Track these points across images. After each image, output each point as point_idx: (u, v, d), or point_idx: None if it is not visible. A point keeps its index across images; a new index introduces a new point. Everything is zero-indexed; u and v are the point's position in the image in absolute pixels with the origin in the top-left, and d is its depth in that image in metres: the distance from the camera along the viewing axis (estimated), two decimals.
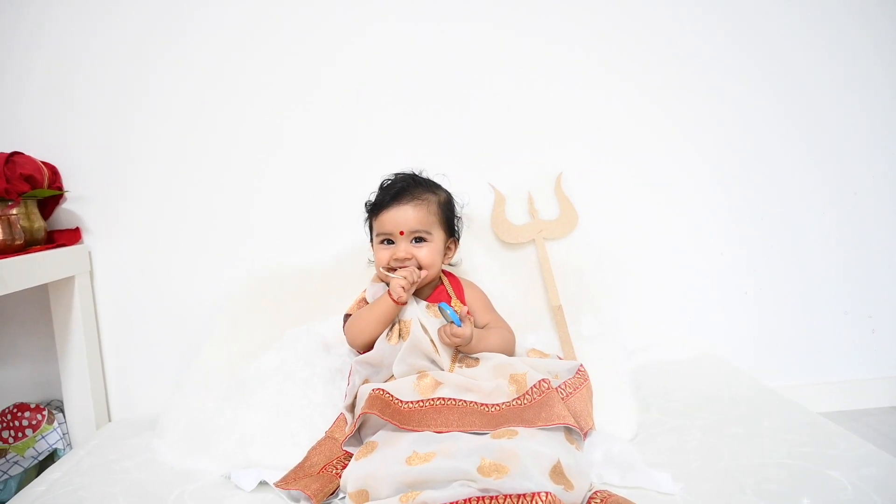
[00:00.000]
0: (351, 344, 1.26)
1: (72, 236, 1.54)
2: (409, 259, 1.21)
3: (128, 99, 1.58)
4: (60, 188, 1.53)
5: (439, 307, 1.17)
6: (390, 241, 1.23)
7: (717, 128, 1.65)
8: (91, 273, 1.58)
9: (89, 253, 1.58)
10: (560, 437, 1.03)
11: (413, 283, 1.18)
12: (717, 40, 1.63)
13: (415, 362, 1.16)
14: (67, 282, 1.50)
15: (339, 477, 1.04)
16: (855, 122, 1.65)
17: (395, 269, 1.21)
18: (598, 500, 0.91)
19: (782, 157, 1.66)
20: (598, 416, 1.18)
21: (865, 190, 1.67)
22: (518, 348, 1.29)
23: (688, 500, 0.94)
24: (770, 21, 1.63)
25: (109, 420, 1.62)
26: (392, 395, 1.08)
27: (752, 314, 1.68)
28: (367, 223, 1.31)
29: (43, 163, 1.49)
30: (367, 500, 0.92)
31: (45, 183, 1.47)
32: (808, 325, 1.69)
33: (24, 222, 1.42)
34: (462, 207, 1.35)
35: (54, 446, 1.49)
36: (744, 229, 1.68)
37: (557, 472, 0.92)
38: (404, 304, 1.19)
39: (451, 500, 0.85)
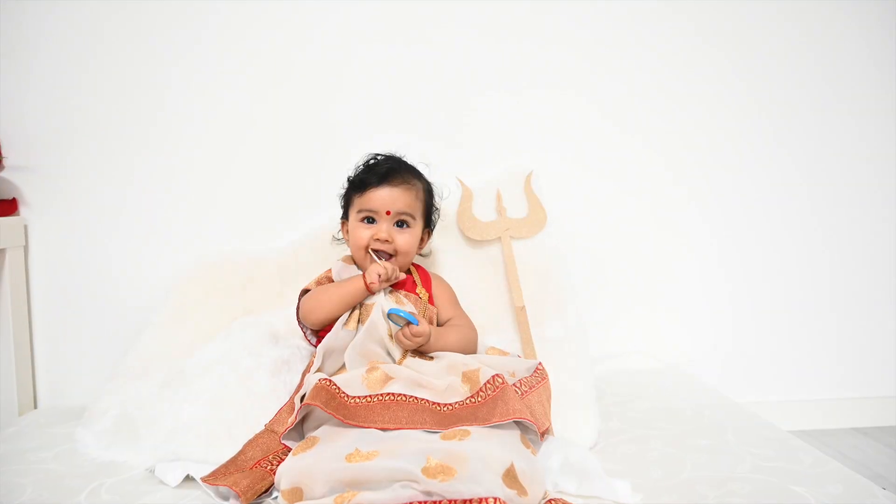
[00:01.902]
0: (304, 319, 1.21)
1: (7, 207, 1.45)
2: (389, 242, 1.19)
3: (77, 66, 1.52)
4: None
5: (389, 313, 1.13)
6: (371, 221, 1.20)
7: (695, 132, 1.65)
8: (26, 248, 1.51)
9: (25, 226, 1.51)
10: (515, 439, 0.98)
11: (389, 280, 1.17)
12: (696, 39, 1.63)
13: (367, 349, 1.11)
14: None
15: (274, 473, 0.97)
16: (842, 130, 1.66)
17: (376, 251, 1.20)
18: None
19: (761, 168, 1.67)
20: (557, 423, 1.14)
21: (847, 204, 1.68)
22: (479, 346, 1.26)
23: None
24: (753, 21, 1.63)
25: (35, 407, 1.53)
26: (338, 388, 1.01)
27: (722, 328, 1.68)
28: (344, 198, 1.27)
29: None
30: (301, 500, 0.86)
31: None
32: (773, 344, 1.69)
33: None
34: (441, 199, 1.33)
35: None
36: (719, 240, 1.68)
37: (510, 477, 0.87)
38: (374, 293, 1.16)
39: (390, 503, 0.79)
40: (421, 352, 1.15)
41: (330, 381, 1.02)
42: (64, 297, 1.53)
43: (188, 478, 1.02)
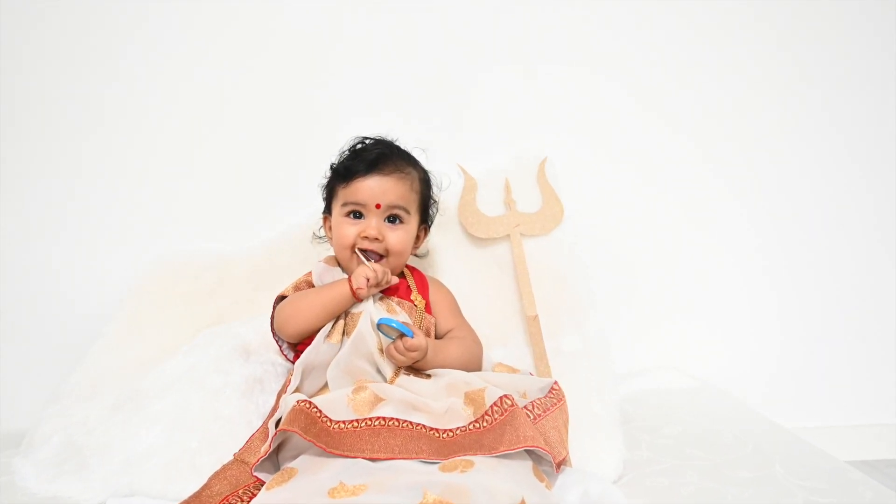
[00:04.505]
0: (280, 330, 1.22)
1: None
2: (379, 241, 1.19)
3: (16, 42, 1.56)
4: None
5: (378, 324, 1.14)
6: (358, 215, 1.21)
7: (736, 116, 1.68)
8: None
9: None
10: (526, 470, 0.98)
11: (379, 284, 1.17)
12: (728, 24, 1.66)
13: (354, 365, 1.12)
14: None
15: None
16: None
17: (364, 251, 1.20)
18: None
19: (812, 160, 1.69)
20: (575, 451, 1.16)
21: None
22: (484, 362, 1.27)
23: None
24: (782, 13, 1.66)
25: None
26: (320, 411, 1.02)
27: (765, 342, 1.71)
28: (327, 189, 1.29)
29: None
30: None
31: None
32: (828, 360, 1.72)
33: None
34: (440, 190, 1.35)
35: None
36: (764, 242, 1.70)
37: None
38: (361, 300, 1.17)
39: None
40: (417, 369, 1.16)
41: (310, 402, 1.02)
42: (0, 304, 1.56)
43: None
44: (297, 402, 1.02)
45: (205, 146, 1.61)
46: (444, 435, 1.01)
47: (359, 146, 1.26)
